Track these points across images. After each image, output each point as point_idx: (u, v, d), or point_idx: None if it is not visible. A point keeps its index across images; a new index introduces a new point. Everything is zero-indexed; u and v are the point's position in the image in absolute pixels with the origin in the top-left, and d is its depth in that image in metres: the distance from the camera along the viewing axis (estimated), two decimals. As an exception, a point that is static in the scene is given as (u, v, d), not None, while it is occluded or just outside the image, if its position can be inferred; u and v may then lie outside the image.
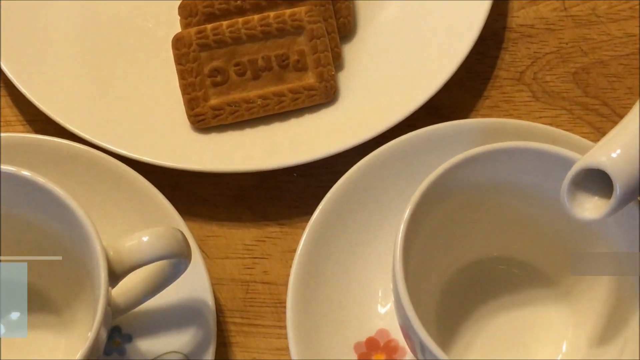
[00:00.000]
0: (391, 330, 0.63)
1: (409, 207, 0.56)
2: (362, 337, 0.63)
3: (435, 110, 0.69)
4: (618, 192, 0.52)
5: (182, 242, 0.57)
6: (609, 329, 0.60)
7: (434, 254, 0.62)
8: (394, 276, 0.56)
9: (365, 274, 0.64)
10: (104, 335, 0.56)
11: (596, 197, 0.53)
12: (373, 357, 0.63)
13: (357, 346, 0.62)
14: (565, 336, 0.62)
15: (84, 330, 0.53)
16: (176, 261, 0.58)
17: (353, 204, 0.64)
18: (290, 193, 0.68)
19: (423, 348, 0.55)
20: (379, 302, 0.63)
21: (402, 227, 0.56)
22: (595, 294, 0.61)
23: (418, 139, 0.65)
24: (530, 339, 0.62)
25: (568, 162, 0.56)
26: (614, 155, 0.52)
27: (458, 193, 0.59)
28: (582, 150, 0.57)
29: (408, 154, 0.64)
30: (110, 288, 0.56)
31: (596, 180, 0.53)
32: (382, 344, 0.63)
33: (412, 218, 0.56)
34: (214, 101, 0.67)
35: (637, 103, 0.55)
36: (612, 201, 0.52)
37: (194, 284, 0.61)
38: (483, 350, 0.62)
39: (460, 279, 0.63)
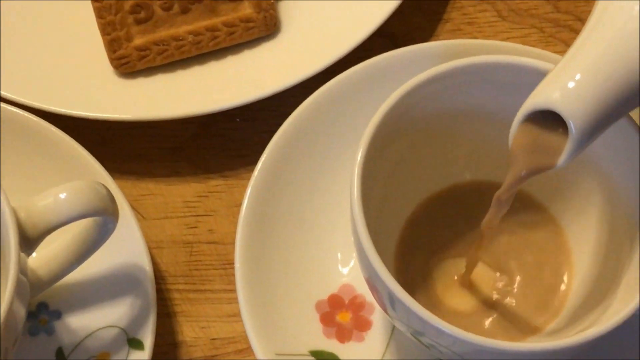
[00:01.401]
0: (356, 285, 0.57)
1: (361, 147, 0.49)
2: (324, 295, 0.56)
3: (390, 38, 0.64)
4: (574, 133, 0.45)
5: (105, 197, 0.49)
6: (607, 259, 0.54)
7: (397, 188, 0.55)
8: (353, 225, 0.49)
9: (322, 224, 0.58)
10: (21, 312, 0.48)
11: (554, 137, 0.46)
12: (338, 316, 0.56)
13: (319, 305, 0.56)
14: (565, 267, 0.55)
15: (1, 309, 0.46)
16: (102, 220, 0.50)
17: (303, 147, 0.58)
18: (233, 141, 0.62)
19: (392, 300, 0.49)
20: (340, 255, 0.57)
21: (356, 170, 0.49)
22: (589, 221, 0.55)
23: (372, 69, 0.58)
24: (524, 271, 0.56)
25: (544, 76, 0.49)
26: (571, 84, 0.44)
27: (421, 120, 0.53)
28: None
29: (361, 87, 0.58)
30: (24, 255, 0.48)
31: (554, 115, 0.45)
32: (347, 301, 0.57)
33: (367, 157, 0.49)
34: (138, 41, 0.61)
35: (594, 10, 0.46)
36: (569, 146, 0.45)
37: (128, 249, 0.55)
38: (465, 294, 0.55)
39: (428, 211, 0.56)
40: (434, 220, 0.56)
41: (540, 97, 0.45)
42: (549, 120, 0.45)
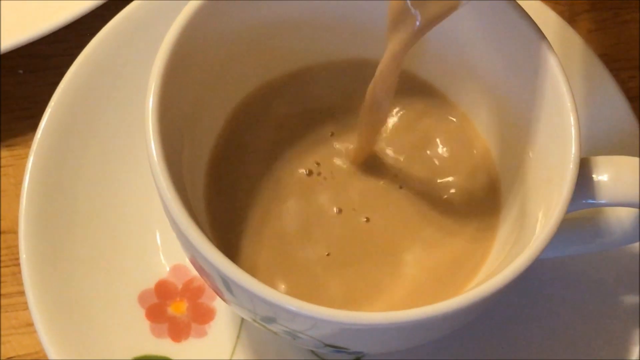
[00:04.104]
0: (191, 266, 0.46)
1: (152, 85, 0.38)
2: (150, 283, 0.46)
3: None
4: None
5: None
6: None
7: (206, 113, 0.43)
8: (157, 185, 0.38)
9: (137, 190, 0.48)
10: None
11: None
12: (169, 308, 0.46)
13: (143, 297, 0.46)
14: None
15: None
16: None
17: (101, 94, 0.48)
18: (17, 99, 0.53)
19: (226, 283, 0.38)
20: (161, 229, 0.47)
21: (149, 120, 0.38)
22: (490, 110, 0.44)
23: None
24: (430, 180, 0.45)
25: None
26: None
27: (226, 35, 0.43)
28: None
29: (165, 10, 0.49)
30: None
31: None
32: (180, 287, 0.47)
33: (162, 96, 0.39)
34: None
35: None
36: None
37: None
38: (327, 235, 0.43)
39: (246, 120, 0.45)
40: (247, 139, 0.45)
41: None
42: None
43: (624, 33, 0.54)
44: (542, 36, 0.40)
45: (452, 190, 0.44)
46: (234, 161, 0.44)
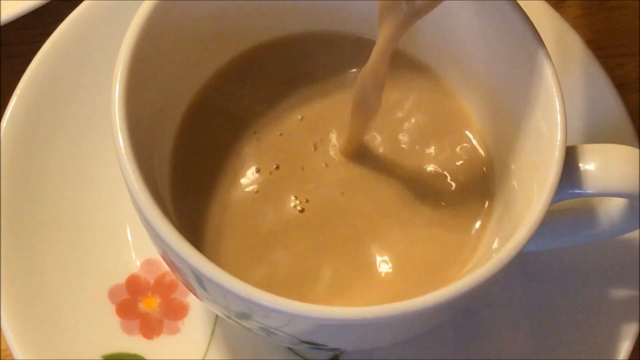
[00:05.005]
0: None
1: (115, 95, 0.37)
2: (120, 278, 0.45)
3: None
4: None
5: None
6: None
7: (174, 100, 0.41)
8: (128, 186, 0.36)
9: (106, 183, 0.46)
10: None
11: None
12: (141, 304, 0.44)
13: (113, 292, 0.45)
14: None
15: None
16: None
17: (69, 84, 0.46)
18: None
19: (199, 278, 0.36)
20: (131, 224, 0.45)
21: (116, 110, 0.36)
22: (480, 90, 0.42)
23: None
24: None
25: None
26: None
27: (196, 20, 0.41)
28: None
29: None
30: None
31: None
32: (152, 282, 0.45)
33: (127, 94, 0.37)
34: None
35: None
36: None
37: None
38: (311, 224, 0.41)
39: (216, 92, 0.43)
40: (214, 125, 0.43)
41: None
42: None
43: (611, 19, 0.53)
44: (529, 23, 0.38)
45: (443, 180, 0.42)
46: (200, 150, 0.42)
